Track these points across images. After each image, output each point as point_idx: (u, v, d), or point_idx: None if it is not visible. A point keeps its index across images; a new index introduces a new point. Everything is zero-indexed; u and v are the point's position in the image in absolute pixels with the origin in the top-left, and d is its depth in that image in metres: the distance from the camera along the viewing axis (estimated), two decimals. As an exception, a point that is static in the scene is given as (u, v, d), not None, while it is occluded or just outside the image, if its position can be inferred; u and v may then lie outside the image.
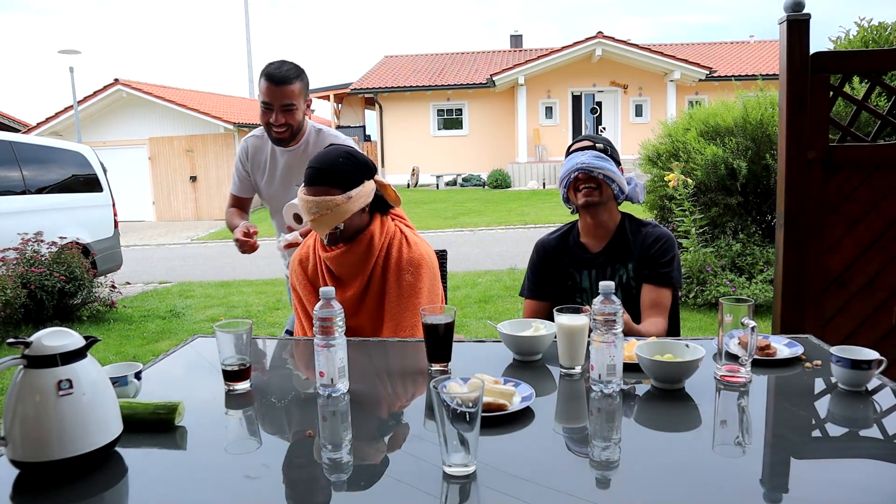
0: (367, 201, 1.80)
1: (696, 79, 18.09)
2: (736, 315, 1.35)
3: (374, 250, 1.84)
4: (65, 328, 1.10)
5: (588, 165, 1.96)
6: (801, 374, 1.44)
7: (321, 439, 1.19)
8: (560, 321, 1.45)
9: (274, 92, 2.19)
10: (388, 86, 20.11)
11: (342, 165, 1.76)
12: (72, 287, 5.67)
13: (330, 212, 1.73)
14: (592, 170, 1.96)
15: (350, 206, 1.75)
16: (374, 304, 1.87)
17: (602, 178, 1.97)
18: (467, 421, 0.98)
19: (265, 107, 2.22)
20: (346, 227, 1.80)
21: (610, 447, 1.13)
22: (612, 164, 2.00)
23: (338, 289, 1.85)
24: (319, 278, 1.92)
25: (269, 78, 2.18)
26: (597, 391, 1.32)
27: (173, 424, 1.21)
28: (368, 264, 1.85)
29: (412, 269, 1.84)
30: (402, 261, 1.84)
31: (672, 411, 1.26)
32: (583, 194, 2.00)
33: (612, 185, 1.98)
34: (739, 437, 1.16)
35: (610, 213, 2.05)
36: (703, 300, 5.22)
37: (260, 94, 2.21)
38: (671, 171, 5.54)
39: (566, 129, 19.57)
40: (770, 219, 5.69)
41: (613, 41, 17.94)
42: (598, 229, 2.06)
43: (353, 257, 1.84)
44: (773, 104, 5.56)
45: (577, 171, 1.98)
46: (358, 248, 1.83)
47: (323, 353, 1.34)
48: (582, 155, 2.00)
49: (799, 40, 2.52)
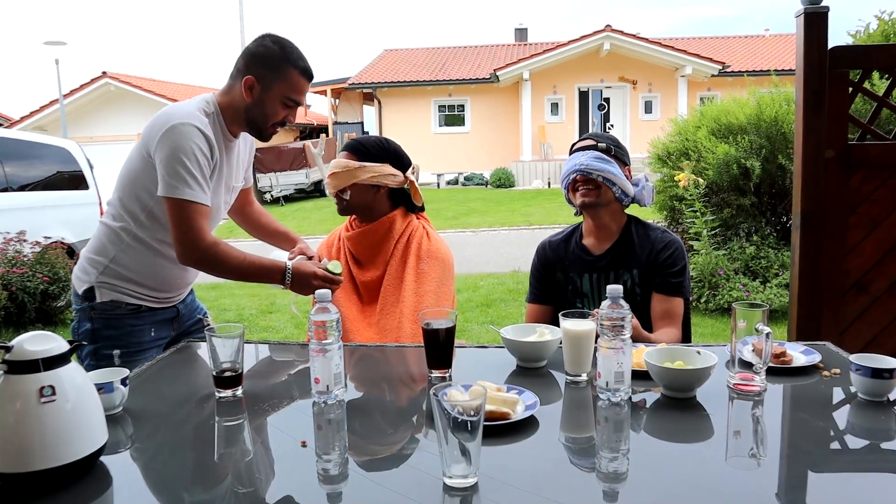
0: (382, 181, 1.96)
1: (708, 74, 18.10)
2: (750, 321, 1.34)
3: (393, 235, 1.99)
4: (47, 332, 1.10)
5: (586, 167, 1.97)
6: (819, 382, 1.43)
7: (316, 449, 1.18)
8: (566, 326, 1.45)
9: (307, 90, 1.88)
10: (387, 80, 20.12)
11: (369, 140, 2.02)
12: (55, 289, 5.66)
13: (341, 172, 1.96)
14: (591, 172, 1.97)
15: (359, 173, 1.94)
16: (392, 290, 1.96)
17: (601, 181, 1.97)
18: (469, 430, 0.98)
19: (292, 104, 1.84)
20: (354, 197, 1.97)
21: (618, 458, 1.13)
22: (615, 166, 1.99)
23: (358, 272, 2.02)
24: (341, 258, 2.06)
25: (306, 74, 1.83)
26: (604, 400, 1.32)
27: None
28: (387, 248, 1.99)
29: (428, 258, 1.97)
30: (420, 251, 1.98)
31: (683, 421, 1.26)
32: (580, 194, 2.02)
33: (612, 188, 1.98)
34: (754, 448, 1.16)
35: (613, 215, 2.04)
36: (715, 305, 5.22)
37: (287, 87, 1.81)
38: (681, 170, 5.54)
39: (572, 127, 19.57)
40: (785, 220, 5.69)
41: (622, 35, 17.95)
42: (600, 231, 2.06)
43: (372, 239, 1.99)
44: (789, 101, 5.56)
45: (575, 173, 2.00)
46: (378, 230, 1.99)
47: (318, 359, 1.33)
48: (582, 155, 2.00)
49: (817, 34, 2.52)
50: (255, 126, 1.86)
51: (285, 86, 1.80)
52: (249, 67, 1.79)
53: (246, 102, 1.80)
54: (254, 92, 1.79)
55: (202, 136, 1.74)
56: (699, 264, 5.32)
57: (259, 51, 1.79)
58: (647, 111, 19.51)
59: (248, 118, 1.84)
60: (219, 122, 1.83)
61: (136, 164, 1.80)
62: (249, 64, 1.80)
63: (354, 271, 2.03)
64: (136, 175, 1.80)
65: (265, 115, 1.82)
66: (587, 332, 1.43)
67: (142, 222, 1.82)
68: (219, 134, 1.83)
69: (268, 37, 1.82)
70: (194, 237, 1.72)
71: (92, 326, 1.85)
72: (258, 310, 6.26)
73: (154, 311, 1.92)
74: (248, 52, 1.81)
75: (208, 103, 1.83)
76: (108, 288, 1.84)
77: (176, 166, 1.69)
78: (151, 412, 1.37)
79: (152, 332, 1.92)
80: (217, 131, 1.82)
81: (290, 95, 1.81)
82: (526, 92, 18.86)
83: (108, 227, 1.86)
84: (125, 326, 1.86)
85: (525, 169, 18.32)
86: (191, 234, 1.71)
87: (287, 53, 1.79)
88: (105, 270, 1.85)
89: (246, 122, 1.86)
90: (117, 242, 1.84)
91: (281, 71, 1.79)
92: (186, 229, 1.71)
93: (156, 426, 1.31)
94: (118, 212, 1.85)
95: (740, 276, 5.30)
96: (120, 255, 1.85)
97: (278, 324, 5.72)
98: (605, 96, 19.83)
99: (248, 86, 1.79)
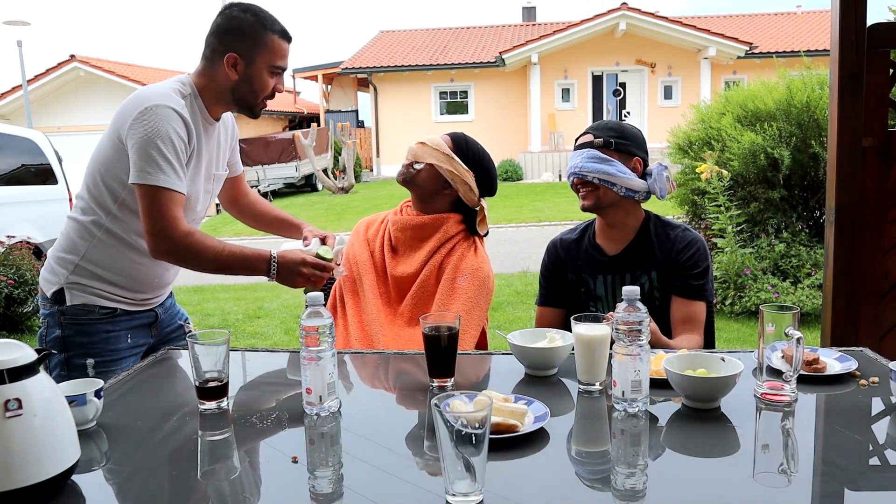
0: (457, 184, 2.01)
1: (733, 56, 18.08)
2: (779, 325, 1.34)
3: (440, 237, 2.01)
4: (13, 340, 1.10)
5: (580, 170, 1.98)
6: (856, 392, 1.43)
7: (308, 465, 1.18)
8: (578, 331, 1.45)
9: (289, 52, 1.89)
10: (383, 65, 20.13)
11: (475, 144, 2.09)
12: (21, 293, 5.67)
13: (430, 147, 2.02)
14: (585, 175, 1.98)
15: (445, 160, 1.99)
16: (422, 296, 1.98)
17: (598, 182, 1.97)
18: (473, 444, 0.98)
19: (279, 70, 1.86)
20: (423, 174, 2.00)
21: (635, 475, 1.12)
22: (614, 163, 1.97)
23: (392, 261, 2.04)
24: (377, 241, 2.09)
25: (285, 36, 1.85)
26: (620, 410, 1.32)
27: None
28: (429, 249, 2.00)
29: (468, 274, 1.97)
30: (462, 263, 1.99)
31: (706, 434, 1.26)
32: (580, 197, 2.04)
33: (612, 188, 1.97)
34: (784, 464, 1.16)
35: (626, 213, 2.04)
36: (741, 307, 5.22)
37: (270, 55, 1.82)
38: (704, 161, 5.54)
39: (585, 114, 19.57)
40: (819, 215, 5.69)
41: (640, 13, 17.95)
42: (613, 230, 2.06)
43: (419, 231, 2.02)
44: (822, 84, 5.55)
45: (573, 176, 2.03)
46: (429, 224, 2.02)
47: (310, 367, 1.33)
48: (578, 155, 2.02)
49: (854, 10, 2.52)
50: (245, 104, 1.87)
51: (268, 54, 1.81)
52: (227, 44, 1.79)
53: (232, 81, 1.82)
54: (238, 69, 1.80)
55: (179, 119, 1.73)
56: (724, 263, 5.32)
57: (232, 24, 1.79)
58: (666, 97, 19.51)
59: (236, 97, 1.85)
60: (197, 105, 1.84)
61: (106, 151, 1.80)
62: (226, 40, 1.80)
63: (388, 260, 2.04)
64: (108, 163, 1.80)
65: (254, 89, 1.84)
66: (601, 338, 1.43)
67: (114, 215, 1.83)
68: (197, 117, 1.84)
69: (234, 6, 1.82)
70: (166, 226, 1.71)
71: (62, 333, 1.85)
72: (245, 314, 6.27)
73: (130, 315, 1.92)
74: (220, 27, 1.81)
75: (184, 84, 1.84)
76: (79, 289, 1.85)
77: (150, 151, 1.69)
78: (128, 427, 1.37)
79: (129, 338, 1.92)
80: (195, 114, 1.83)
81: (274, 63, 1.83)
82: (535, 77, 18.86)
83: (78, 221, 1.86)
84: (99, 333, 1.86)
85: (534, 160, 18.32)
86: (162, 223, 1.70)
87: (261, 19, 1.80)
88: (75, 270, 1.85)
89: (235, 102, 1.87)
90: (88, 238, 1.85)
91: (261, 40, 1.80)
92: (158, 218, 1.70)
93: (133, 442, 1.31)
94: (88, 204, 1.85)
95: (769, 276, 5.30)
96: (91, 252, 1.85)
97: (266, 329, 5.73)
98: (621, 81, 19.82)
99: (232, 63, 1.79)
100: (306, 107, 24.67)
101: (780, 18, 22.15)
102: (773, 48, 18.20)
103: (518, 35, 21.33)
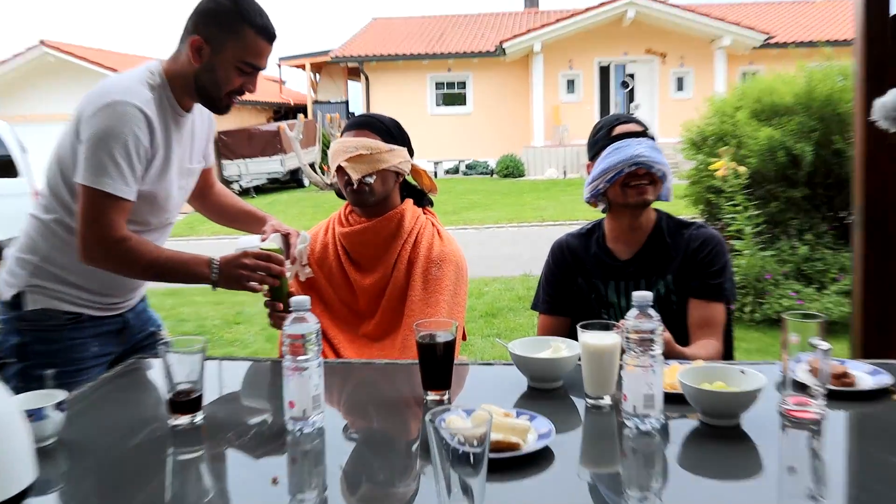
0: (400, 168, 1.98)
1: (750, 46, 18.17)
2: (803, 334, 1.33)
3: (402, 233, 1.98)
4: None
5: (649, 159, 1.93)
6: (890, 409, 1.42)
7: (289, 487, 1.17)
8: (585, 340, 1.44)
9: (267, 53, 1.86)
10: (376, 53, 20.19)
11: (385, 118, 2.03)
12: (-16, 296, 5.65)
13: (369, 154, 1.92)
14: (652, 165, 1.93)
15: (389, 157, 1.94)
16: (396, 300, 1.97)
17: (658, 176, 1.96)
18: (471, 464, 0.97)
19: (251, 69, 1.82)
20: (379, 185, 1.94)
21: (648, 498, 1.12)
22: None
23: (356, 275, 2.00)
24: (332, 260, 2.02)
25: (266, 34, 1.80)
26: (631, 427, 1.31)
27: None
28: (394, 249, 1.98)
29: (440, 262, 1.97)
30: (431, 253, 1.98)
31: (725, 454, 1.25)
32: (637, 192, 1.96)
33: (664, 185, 2.00)
34: (811, 488, 1.15)
35: (647, 214, 2.05)
36: (761, 315, 5.22)
37: (242, 50, 1.78)
38: (719, 157, 5.55)
39: (591, 107, 19.66)
40: (845, 215, 5.69)
41: (649, 0, 18.01)
42: (632, 233, 2.04)
43: (377, 237, 1.98)
44: (845, 75, 5.56)
45: (636, 166, 1.93)
46: (384, 227, 1.98)
47: (293, 379, 1.32)
48: (638, 145, 1.95)
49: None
50: (206, 95, 1.84)
51: (239, 48, 1.77)
52: (198, 27, 1.76)
53: (194, 68, 1.78)
54: (202, 55, 1.77)
55: (142, 119, 1.72)
56: (742, 267, 5.32)
57: (210, 7, 1.77)
58: (678, 89, 19.59)
59: (197, 86, 1.82)
60: (166, 97, 1.83)
61: (67, 145, 1.79)
62: (198, 22, 1.77)
63: (352, 275, 2.01)
64: (69, 158, 1.78)
65: (216, 82, 1.80)
66: (611, 348, 1.42)
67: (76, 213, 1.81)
68: (166, 110, 1.82)
69: None
70: (101, 228, 1.70)
71: (20, 340, 1.84)
72: (223, 320, 6.26)
73: (97, 322, 1.90)
74: (198, 8, 1.79)
75: (153, 74, 1.82)
76: (40, 293, 1.83)
77: (100, 153, 1.68)
78: (91, 444, 1.36)
79: (95, 346, 1.90)
80: (164, 107, 1.81)
81: (245, 59, 1.79)
82: (537, 67, 18.93)
83: (39, 219, 1.85)
84: (62, 340, 1.85)
85: (536, 156, 18.38)
86: (97, 226, 1.70)
87: (241, 8, 1.76)
88: (36, 271, 1.83)
89: (196, 91, 1.83)
90: (49, 237, 1.83)
91: (234, 29, 1.76)
92: (92, 222, 1.70)
93: (96, 461, 1.30)
94: (50, 202, 1.84)
95: (791, 281, 5.31)
96: (53, 253, 1.83)
97: (247, 336, 5.72)
98: (630, 72, 19.89)
99: (196, 48, 1.76)
100: (293, 97, 24.72)
101: (798, 6, 22.27)
102: (791, 38, 18.34)
103: (519, 23, 21.41)
